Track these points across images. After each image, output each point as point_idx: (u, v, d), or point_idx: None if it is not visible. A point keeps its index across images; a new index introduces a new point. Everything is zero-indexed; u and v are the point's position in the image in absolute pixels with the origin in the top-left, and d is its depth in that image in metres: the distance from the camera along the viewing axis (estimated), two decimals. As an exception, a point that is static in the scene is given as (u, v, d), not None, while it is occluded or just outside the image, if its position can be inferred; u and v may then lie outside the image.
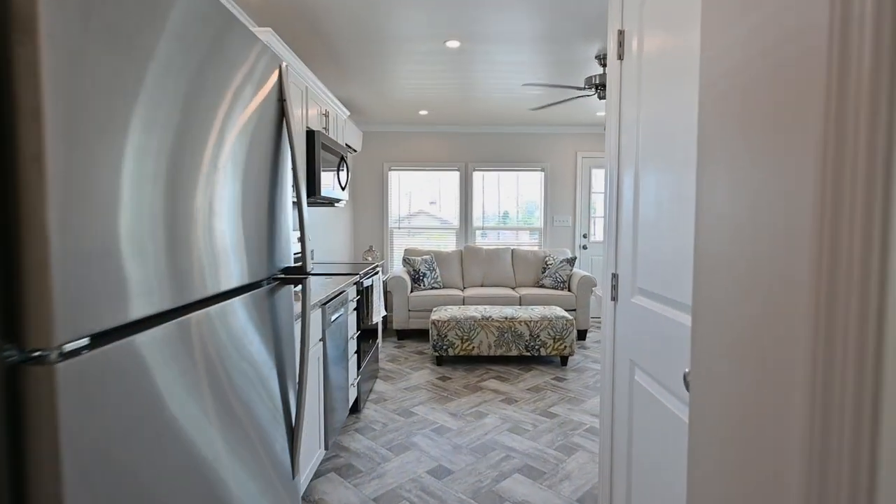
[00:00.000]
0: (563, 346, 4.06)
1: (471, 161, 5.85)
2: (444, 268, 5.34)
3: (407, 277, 4.95)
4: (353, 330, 2.91)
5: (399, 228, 5.86)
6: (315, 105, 3.16)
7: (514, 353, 4.04)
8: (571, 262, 5.22)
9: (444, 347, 3.98)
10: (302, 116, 2.91)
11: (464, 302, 4.89)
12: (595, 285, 5.02)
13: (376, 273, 3.52)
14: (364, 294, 3.14)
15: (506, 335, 4.03)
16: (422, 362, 4.16)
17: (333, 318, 2.42)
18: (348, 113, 3.93)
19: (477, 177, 5.90)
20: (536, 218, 6.03)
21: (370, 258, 5.02)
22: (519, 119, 5.47)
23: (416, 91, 4.29)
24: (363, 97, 4.48)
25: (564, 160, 5.96)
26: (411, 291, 4.96)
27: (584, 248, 6.03)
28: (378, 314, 3.34)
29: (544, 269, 5.38)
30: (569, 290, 5.16)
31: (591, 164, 6.01)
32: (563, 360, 4.15)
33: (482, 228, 5.96)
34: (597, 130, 5.96)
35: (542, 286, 5.30)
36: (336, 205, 3.68)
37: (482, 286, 5.40)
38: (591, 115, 5.27)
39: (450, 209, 5.91)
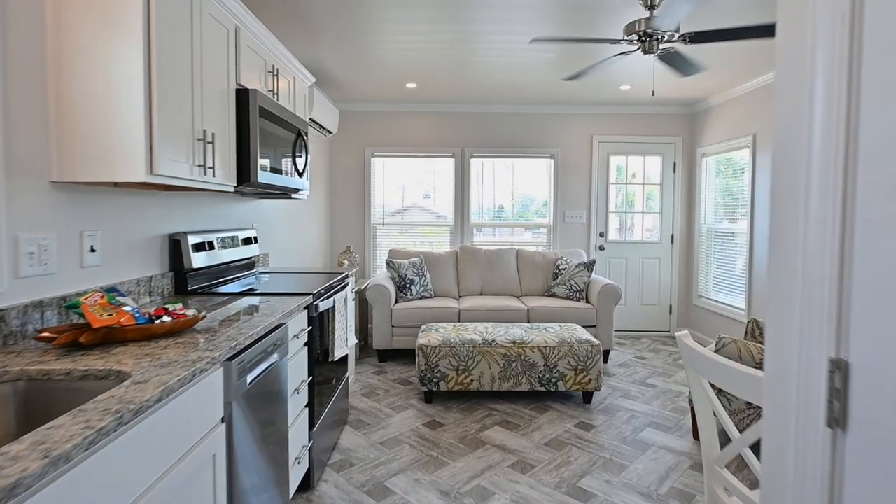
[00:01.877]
0: (586, 380, 3.19)
1: (468, 146, 4.94)
2: (436, 272, 4.45)
3: (390, 285, 4.05)
4: (300, 376, 2.01)
5: (384, 225, 4.96)
6: (255, 56, 2.25)
7: (525, 387, 3.16)
8: (589, 266, 4.34)
9: (435, 380, 3.09)
10: (228, 67, 2.00)
11: (459, 318, 4.01)
12: (618, 299, 4.14)
13: (344, 285, 2.63)
14: (321, 320, 2.24)
15: (514, 365, 3.15)
16: (406, 397, 3.28)
17: (254, 376, 1.53)
18: (313, 79, 3.01)
19: (475, 164, 5.00)
20: (545, 213, 5.14)
21: (346, 262, 4.12)
22: (525, 95, 4.56)
23: (402, 56, 3.37)
24: (338, 65, 3.56)
25: (578, 145, 5.07)
26: (396, 303, 4.07)
27: (601, 248, 5.16)
28: (344, 345, 2.44)
29: (556, 274, 4.50)
30: (587, 302, 4.29)
31: (609, 150, 5.12)
32: (587, 397, 3.28)
33: (481, 225, 5.07)
34: (616, 110, 5.06)
35: (554, 295, 4.43)
36: (294, 196, 2.78)
37: (481, 295, 4.51)
38: (610, 89, 4.36)
39: (444, 203, 5.01)
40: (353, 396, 3.25)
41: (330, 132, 4.17)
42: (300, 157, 2.58)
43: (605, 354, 4.22)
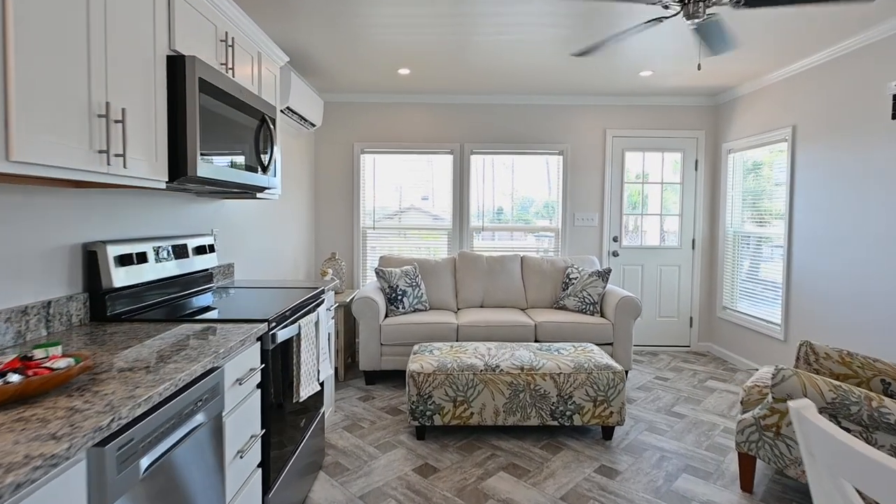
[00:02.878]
0: (607, 412, 2.71)
1: (468, 142, 4.47)
2: (432, 282, 3.97)
3: (380, 297, 3.58)
4: (248, 431, 1.53)
5: (374, 229, 4.48)
6: (201, 19, 1.78)
7: (534, 421, 2.68)
8: (604, 275, 3.86)
9: (428, 413, 2.61)
10: (155, 25, 1.53)
11: (457, 335, 3.52)
12: (638, 313, 3.66)
13: (319, 302, 2.15)
14: (283, 352, 1.76)
15: (521, 395, 2.66)
16: (395, 431, 2.80)
17: (155, 456, 1.05)
18: (285, 58, 2.54)
19: (476, 162, 4.52)
20: (552, 216, 4.66)
21: (330, 271, 3.64)
22: (530, 84, 4.08)
23: (393, 35, 2.90)
24: (320, 48, 3.09)
25: (590, 140, 4.59)
26: (386, 317, 3.60)
27: (615, 254, 4.67)
28: (313, 381, 1.96)
29: (566, 284, 4.02)
30: (602, 316, 3.80)
31: (623, 146, 4.64)
32: (607, 432, 2.79)
33: (482, 229, 4.59)
34: (632, 101, 4.58)
35: (564, 308, 3.95)
36: (261, 196, 2.30)
37: (482, 307, 4.03)
38: (628, 76, 3.88)
39: (441, 204, 4.53)
40: (331, 431, 2.77)
41: (313, 125, 3.70)
42: (266, 149, 2.10)
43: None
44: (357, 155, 4.37)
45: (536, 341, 3.63)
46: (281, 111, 3.01)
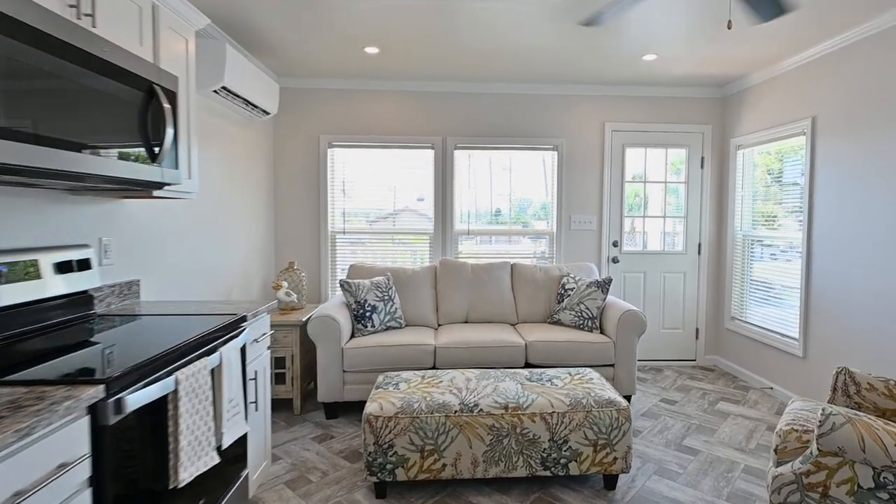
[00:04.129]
0: (610, 458, 2.23)
1: (451, 135, 3.98)
2: (409, 294, 3.48)
3: (343, 315, 3.08)
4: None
5: (344, 234, 3.97)
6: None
7: (522, 471, 2.20)
8: (603, 286, 3.38)
9: (389, 467, 2.12)
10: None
11: (435, 359, 3.03)
12: (643, 329, 3.19)
13: (227, 338, 1.64)
14: (144, 422, 1.25)
15: (506, 441, 2.18)
16: (351, 485, 2.29)
17: None
18: (204, 20, 2.02)
19: (460, 158, 4.03)
20: (546, 218, 4.18)
21: (285, 284, 3.13)
22: (520, 69, 3.60)
23: (356, 4, 2.41)
24: (270, 19, 2.59)
25: (586, 135, 4.12)
26: (351, 337, 3.10)
27: (615, 261, 4.20)
28: (206, 454, 1.41)
29: (561, 295, 3.54)
30: (601, 332, 3.33)
31: (624, 141, 4.17)
32: (609, 480, 2.31)
33: (468, 233, 4.10)
34: (633, 91, 4.11)
35: (559, 322, 3.47)
36: (160, 194, 1.79)
37: (466, 322, 3.54)
38: (630, 61, 3.41)
39: (421, 205, 4.04)
40: (268, 489, 2.25)
41: (267, 112, 3.19)
42: (158, 132, 1.58)
43: (626, 401, 3.25)
44: (323, 149, 3.86)
45: (527, 364, 3.15)
46: (214, 92, 2.50)
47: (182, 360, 1.30)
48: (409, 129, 3.93)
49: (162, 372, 1.22)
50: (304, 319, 2.98)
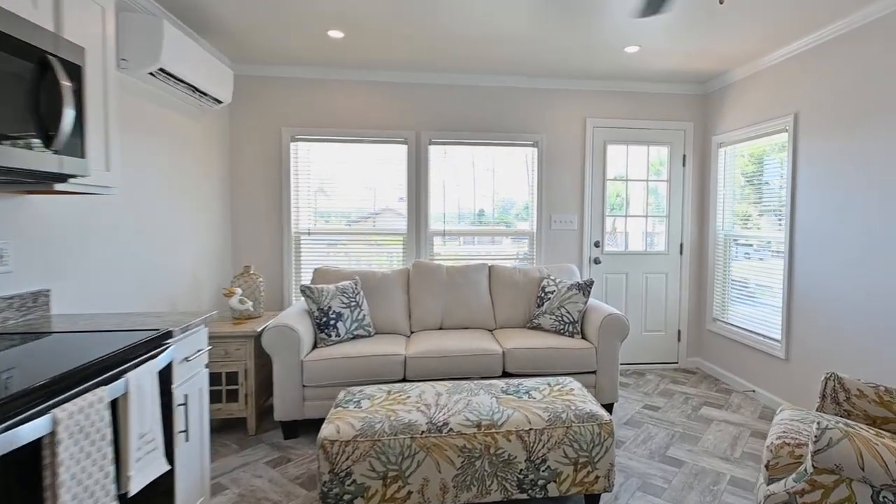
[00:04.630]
0: (591, 478, 2.04)
1: (425, 129, 3.76)
2: (379, 300, 3.25)
3: (304, 324, 2.83)
4: None
5: (310, 235, 3.71)
6: None
7: (497, 495, 1.99)
8: (584, 289, 3.21)
9: (348, 497, 1.88)
10: None
11: (405, 370, 2.80)
12: (625, 333, 3.03)
13: (137, 362, 1.38)
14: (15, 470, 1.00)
15: (478, 463, 1.97)
16: (310, 512, 2.06)
17: None
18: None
19: (435, 153, 3.82)
20: (525, 217, 4.00)
21: (238, 291, 2.87)
22: (499, 61, 3.40)
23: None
24: (208, -11, 2.33)
25: (568, 131, 3.95)
26: (313, 348, 2.85)
27: (597, 262, 4.04)
28: None
29: (541, 299, 3.36)
30: (582, 338, 3.16)
31: (605, 138, 4.01)
32: (591, 501, 2.13)
33: (444, 233, 3.89)
34: (615, 86, 3.96)
35: (539, 327, 3.28)
36: (63, 188, 1.51)
37: (441, 329, 3.33)
38: (612, 53, 3.24)
39: (394, 203, 3.81)
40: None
41: (219, 101, 2.91)
42: (53, 113, 1.31)
43: (609, 409, 3.10)
44: (286, 143, 3.59)
45: (505, 373, 2.95)
46: (151, 75, 2.23)
47: (67, 393, 1.04)
48: (379, 123, 3.70)
49: (34, 411, 0.96)
50: (259, 330, 2.72)
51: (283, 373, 2.61)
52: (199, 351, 1.72)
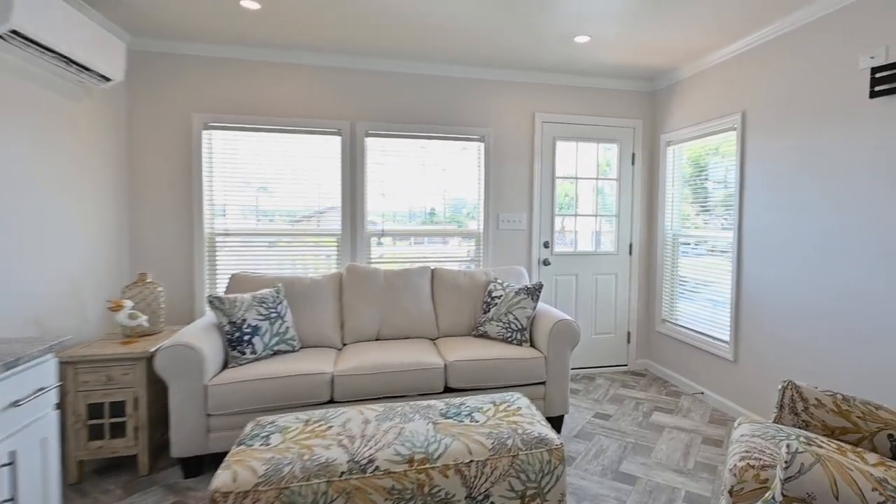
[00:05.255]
0: (541, 516, 1.80)
1: (361, 119, 3.42)
2: (306, 309, 2.88)
3: (210, 342, 2.43)
4: None
5: (228, 237, 3.27)
6: None
7: (432, 542, 1.70)
8: (533, 293, 2.99)
9: (252, 555, 1.53)
10: None
11: (333, 391, 2.46)
12: (576, 340, 2.83)
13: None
14: None
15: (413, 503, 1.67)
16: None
17: None
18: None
19: (372, 147, 3.48)
20: (472, 216, 3.74)
21: (128, 304, 2.41)
22: (443, 44, 3.12)
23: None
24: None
25: (516, 126, 3.73)
26: (223, 369, 2.44)
27: (546, 263, 3.86)
28: None
29: (488, 304, 3.11)
30: (531, 346, 2.93)
31: (555, 134, 3.83)
32: (541, 540, 1.88)
33: (382, 234, 3.56)
34: (564, 80, 3.78)
35: (485, 335, 3.03)
36: None
37: (378, 340, 3.00)
38: (560, 43, 3.05)
39: (326, 201, 3.44)
40: None
41: (106, 78, 2.44)
42: None
43: (559, 421, 2.89)
44: (197, 131, 3.13)
45: (447, 389, 2.67)
46: (2, 39, 1.76)
47: None
48: (309, 111, 3.31)
49: None
50: (152, 350, 2.28)
51: (181, 400, 2.19)
52: (39, 391, 1.31)
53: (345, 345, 2.94)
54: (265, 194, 3.29)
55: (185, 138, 3.12)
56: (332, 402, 2.48)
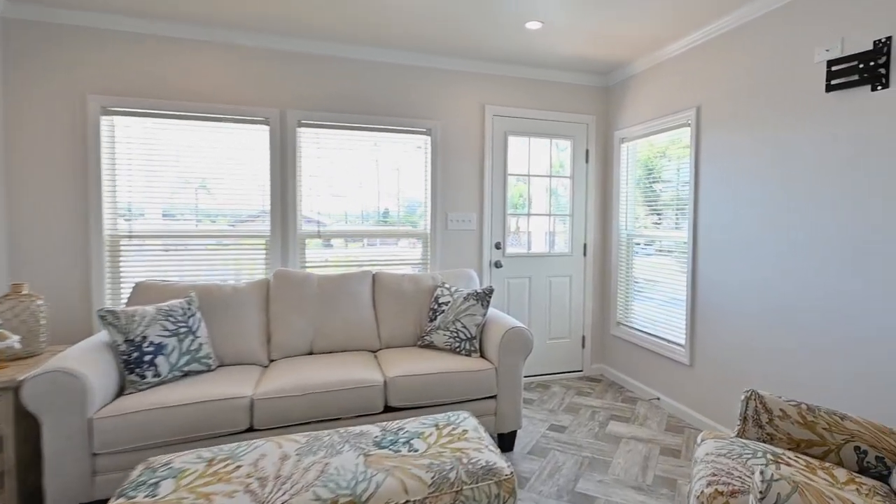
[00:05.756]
0: (488, 561, 1.55)
1: (293, 107, 3.08)
2: (225, 321, 2.52)
3: (100, 364, 2.04)
4: None
5: (132, 239, 2.84)
6: None
7: None
8: (483, 298, 2.76)
9: None
10: None
11: (252, 419, 2.12)
12: (529, 349, 2.62)
13: None
14: None
15: (330, 565, 1.38)
16: None
17: None
18: None
19: (306, 138, 3.15)
20: (418, 216, 3.48)
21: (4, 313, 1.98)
22: (384, 24, 2.84)
23: None
24: None
25: (465, 119, 3.50)
26: (117, 396, 2.06)
27: (498, 265, 3.65)
28: None
29: (434, 311, 2.86)
30: (481, 356, 2.70)
31: (507, 129, 3.63)
32: (489, 587, 1.64)
33: (318, 235, 3.23)
34: (516, 72, 3.59)
35: (431, 345, 2.78)
36: None
37: (311, 354, 2.68)
38: (512, 29, 2.84)
39: (252, 199, 3.07)
40: None
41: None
42: None
43: (512, 437, 2.67)
44: (94, 116, 2.70)
45: (388, 409, 2.39)
46: None
47: None
48: (232, 98, 2.94)
49: None
50: (20, 378, 1.87)
51: (57, 438, 1.80)
52: None
53: (272, 361, 2.60)
54: (181, 191, 2.89)
55: (77, 124, 2.67)
56: (251, 429, 2.14)
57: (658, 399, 3.35)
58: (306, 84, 3.09)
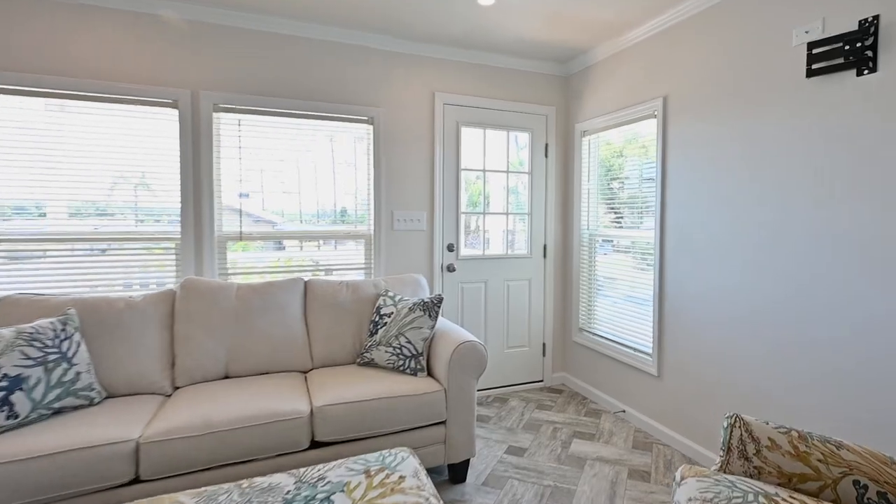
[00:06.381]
0: None
1: (208, 88, 2.64)
2: (117, 343, 2.07)
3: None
4: None
5: (6, 242, 2.33)
6: None
7: None
8: (431, 308, 2.42)
9: None
10: None
11: (138, 469, 1.69)
12: (482, 366, 2.30)
13: None
14: None
15: None
16: None
17: None
18: None
19: (227, 124, 2.71)
20: (360, 215, 3.10)
21: None
22: (320, 3, 2.44)
23: None
24: None
25: (413, 107, 3.15)
26: (-50, 449, 1.59)
27: (451, 269, 3.32)
28: None
29: (376, 324, 2.49)
30: (429, 375, 2.35)
31: (459, 119, 3.31)
32: None
33: (240, 237, 2.79)
34: (468, 56, 3.27)
35: (371, 363, 2.41)
36: None
37: (226, 378, 2.26)
38: (463, 9, 2.51)
39: (159, 196, 2.61)
40: None
41: None
42: None
43: (464, 467, 2.34)
44: (-55, 92, 2.18)
45: (314, 444, 2.01)
46: None
47: None
48: (134, 74, 2.47)
49: None
50: None
51: None
52: None
53: (178, 388, 2.16)
54: (69, 185, 2.40)
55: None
56: (137, 481, 1.71)
57: (623, 412, 3.11)
58: (226, 62, 2.66)
